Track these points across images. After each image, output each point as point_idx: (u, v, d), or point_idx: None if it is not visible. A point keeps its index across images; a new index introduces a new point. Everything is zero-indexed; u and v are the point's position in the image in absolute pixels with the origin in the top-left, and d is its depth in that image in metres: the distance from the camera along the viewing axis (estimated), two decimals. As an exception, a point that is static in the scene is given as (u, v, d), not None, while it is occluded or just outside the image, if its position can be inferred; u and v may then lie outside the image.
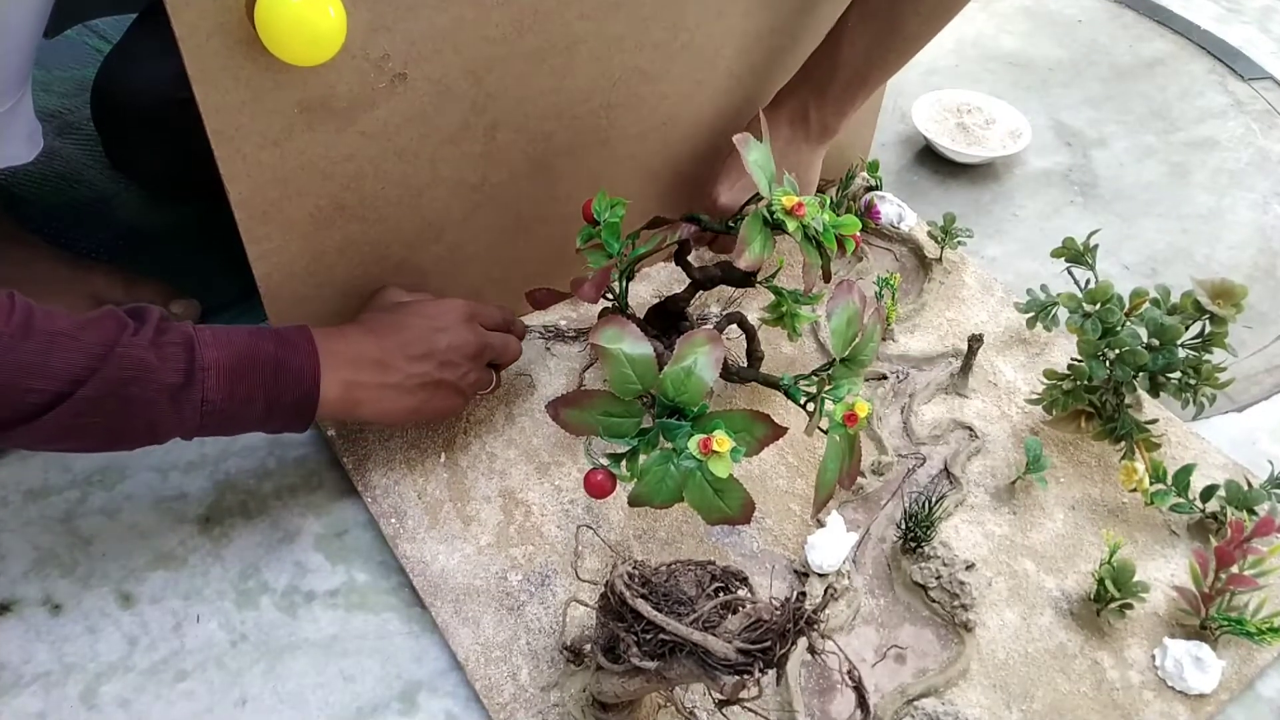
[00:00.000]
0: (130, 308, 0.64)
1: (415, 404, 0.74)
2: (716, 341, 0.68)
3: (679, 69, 0.85)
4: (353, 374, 0.70)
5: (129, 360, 0.60)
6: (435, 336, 0.74)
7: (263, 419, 0.67)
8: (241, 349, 0.65)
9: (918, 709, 0.68)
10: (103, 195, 1.03)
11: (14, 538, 0.76)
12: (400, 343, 0.73)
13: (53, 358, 0.58)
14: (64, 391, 0.58)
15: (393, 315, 0.75)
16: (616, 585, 0.55)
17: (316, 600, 0.74)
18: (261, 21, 0.61)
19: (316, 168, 0.71)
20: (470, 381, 0.77)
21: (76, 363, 0.59)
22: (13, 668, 0.69)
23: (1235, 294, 0.79)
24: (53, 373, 0.58)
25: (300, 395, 0.67)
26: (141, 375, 0.61)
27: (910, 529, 0.76)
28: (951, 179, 1.16)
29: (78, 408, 0.59)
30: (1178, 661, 0.70)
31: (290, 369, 0.67)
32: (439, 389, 0.75)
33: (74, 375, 0.59)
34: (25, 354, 0.57)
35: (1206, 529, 0.80)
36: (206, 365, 0.63)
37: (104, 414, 0.60)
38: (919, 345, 0.93)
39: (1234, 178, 1.18)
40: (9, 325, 0.57)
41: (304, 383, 0.67)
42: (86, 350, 0.59)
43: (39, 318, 0.59)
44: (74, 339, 0.59)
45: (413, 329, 0.74)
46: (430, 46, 0.70)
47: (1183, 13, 1.44)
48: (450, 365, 0.75)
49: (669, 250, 0.85)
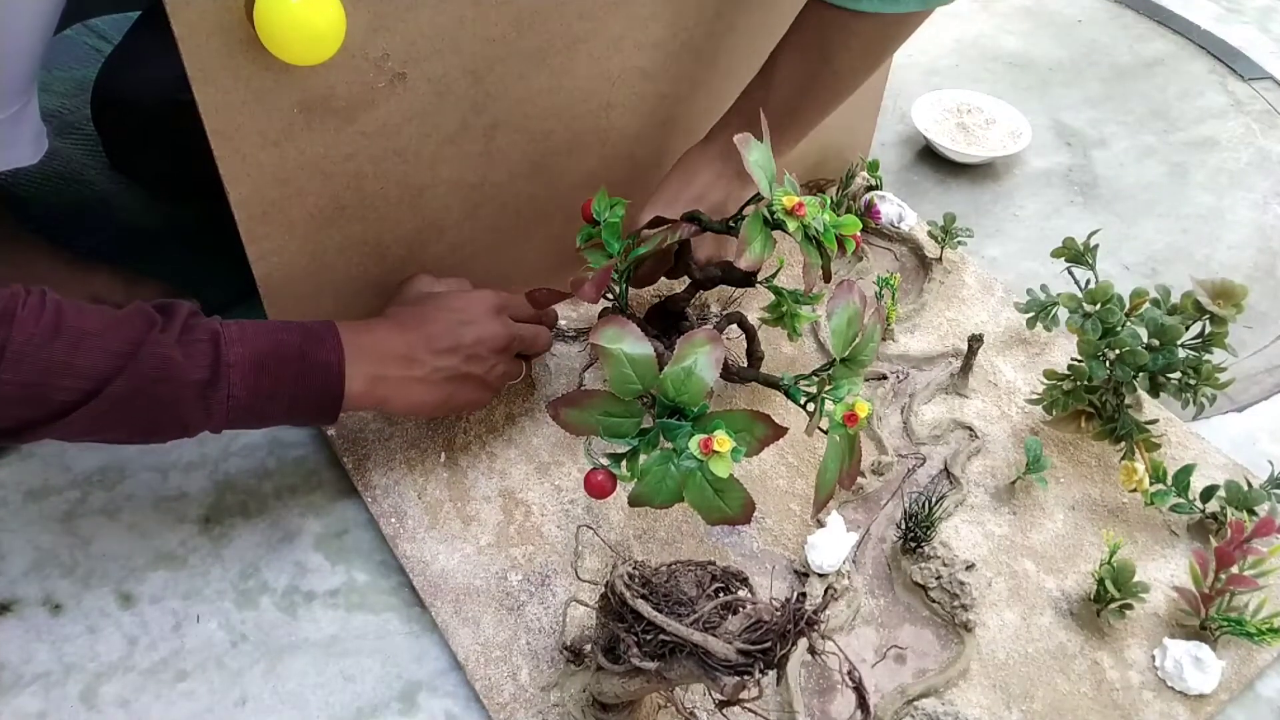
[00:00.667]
0: (159, 303, 0.64)
1: (442, 397, 0.74)
2: (716, 341, 0.68)
3: (678, 69, 0.84)
4: (378, 368, 0.70)
5: (155, 359, 0.61)
6: (462, 330, 0.74)
7: (288, 412, 0.68)
8: (267, 344, 0.66)
9: (918, 709, 0.68)
10: (103, 195, 1.03)
11: (14, 538, 0.76)
12: (426, 336, 0.73)
13: (80, 357, 0.59)
14: (92, 390, 0.59)
15: (419, 308, 0.76)
16: (616, 585, 0.55)
17: (316, 600, 0.74)
18: (261, 21, 0.61)
19: (316, 167, 0.71)
20: (498, 374, 0.77)
21: (104, 362, 0.60)
22: (13, 668, 0.69)
23: (1235, 294, 0.79)
24: (81, 372, 0.59)
25: (325, 390, 0.68)
26: (168, 373, 0.62)
27: (910, 529, 0.76)
28: (951, 179, 1.16)
29: (106, 405, 0.60)
30: (1177, 662, 0.70)
31: (315, 364, 0.67)
32: (466, 382, 0.75)
33: (102, 374, 0.60)
34: (54, 354, 0.58)
35: (1206, 529, 0.80)
36: (232, 362, 0.64)
37: (134, 410, 0.62)
38: (919, 345, 0.93)
39: (1234, 178, 1.18)
40: (38, 326, 0.58)
41: (328, 378, 0.68)
42: (114, 349, 0.60)
43: (69, 316, 0.60)
44: (101, 338, 0.60)
45: (439, 322, 0.74)
46: (430, 46, 0.70)
47: (1183, 13, 1.44)
48: (477, 359, 0.75)
49: (669, 250, 0.85)
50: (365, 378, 0.70)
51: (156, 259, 0.97)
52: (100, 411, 0.60)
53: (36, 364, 0.58)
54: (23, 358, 0.57)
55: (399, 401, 0.72)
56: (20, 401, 0.58)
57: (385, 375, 0.71)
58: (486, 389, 0.77)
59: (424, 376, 0.73)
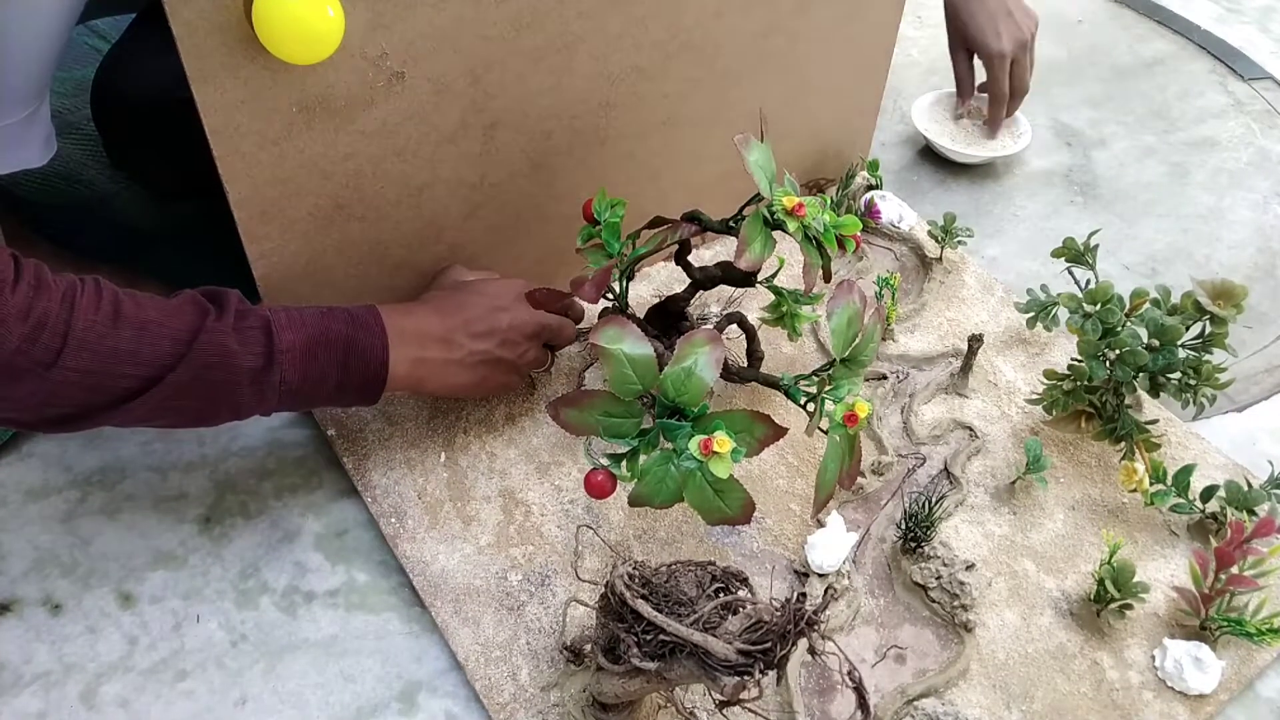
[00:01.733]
0: (207, 291, 0.66)
1: (477, 379, 0.77)
2: (716, 341, 0.68)
3: (678, 68, 0.84)
4: (419, 351, 0.73)
5: (213, 346, 0.63)
6: (497, 315, 0.77)
7: (334, 394, 0.70)
8: (316, 330, 0.68)
9: (918, 709, 0.68)
10: (103, 195, 1.03)
11: (14, 538, 0.76)
12: (464, 320, 0.75)
13: (143, 345, 0.61)
14: (155, 377, 0.61)
15: (457, 294, 0.78)
16: (616, 585, 0.55)
17: (316, 600, 0.74)
18: (259, 20, 0.61)
19: (315, 167, 0.71)
20: (529, 359, 0.80)
21: (165, 349, 0.61)
22: (13, 668, 0.69)
23: (1235, 294, 0.78)
24: (144, 359, 0.61)
25: (370, 372, 0.71)
26: (224, 360, 0.63)
27: (910, 529, 0.76)
28: (951, 179, 1.16)
29: (167, 392, 0.62)
30: (1177, 662, 0.70)
31: (360, 348, 0.70)
32: (498, 365, 0.77)
33: (164, 361, 0.61)
34: (117, 341, 0.60)
35: (1206, 529, 0.80)
36: (284, 348, 0.66)
37: (191, 397, 0.63)
38: (919, 345, 0.93)
39: (1234, 178, 1.18)
40: (98, 313, 0.60)
41: (374, 361, 0.70)
42: (174, 337, 0.62)
43: (127, 304, 0.61)
44: (162, 326, 0.61)
45: (476, 307, 0.76)
46: (429, 45, 0.70)
47: (1183, 13, 1.44)
48: (510, 344, 0.77)
49: (669, 250, 0.85)
50: (407, 360, 0.72)
51: (156, 259, 0.97)
52: (161, 398, 0.62)
53: (99, 351, 0.59)
54: (84, 345, 0.59)
55: (436, 382, 0.75)
56: (82, 388, 0.60)
57: (425, 358, 0.73)
58: (517, 373, 0.80)
59: (461, 359, 0.75)
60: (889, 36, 0.99)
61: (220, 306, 0.65)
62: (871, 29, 0.97)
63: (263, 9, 0.60)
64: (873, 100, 1.05)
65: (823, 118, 1.01)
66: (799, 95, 0.96)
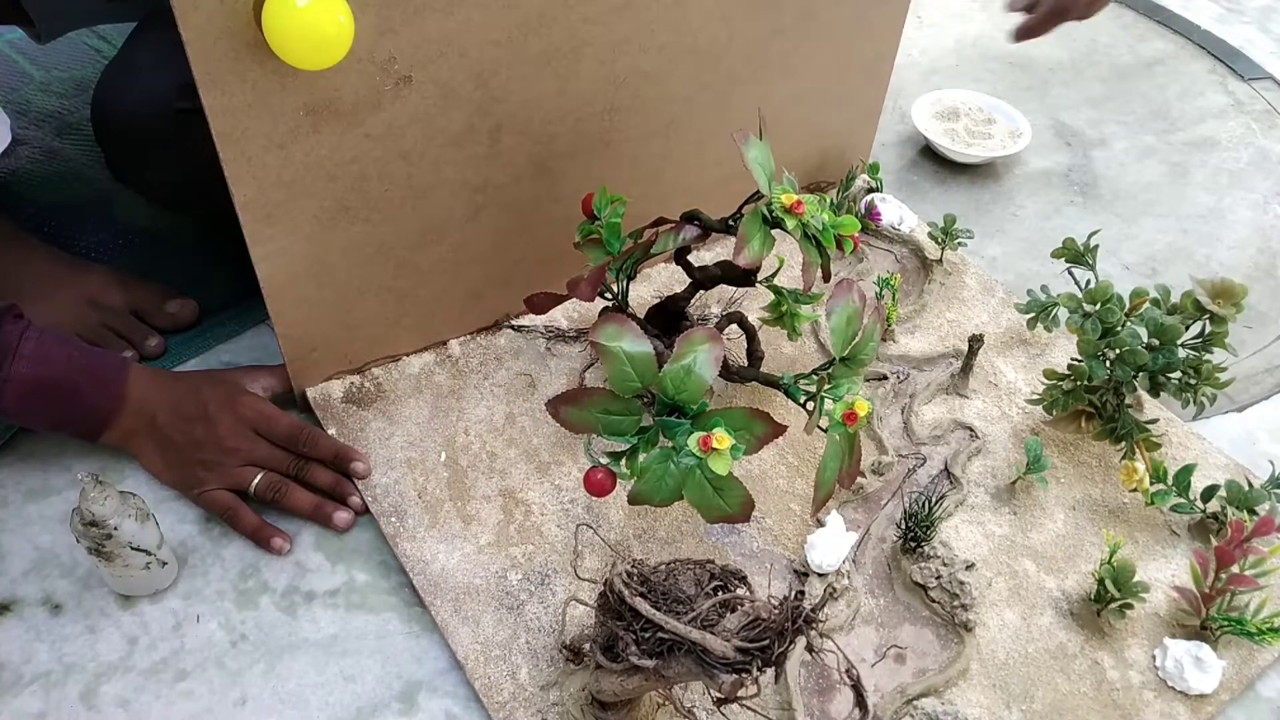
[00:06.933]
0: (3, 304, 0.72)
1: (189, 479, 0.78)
2: (716, 339, 0.68)
3: (683, 72, 0.85)
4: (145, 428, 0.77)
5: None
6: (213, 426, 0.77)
7: (47, 429, 0.77)
8: (50, 377, 0.72)
9: (917, 709, 0.68)
10: (103, 195, 1.03)
11: (14, 538, 0.76)
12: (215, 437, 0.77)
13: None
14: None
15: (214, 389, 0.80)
16: (615, 584, 0.55)
17: (316, 600, 0.74)
18: (269, 26, 0.60)
19: (321, 170, 0.71)
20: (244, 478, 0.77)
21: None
22: (13, 668, 0.69)
23: (1235, 294, 0.79)
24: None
25: (82, 430, 0.76)
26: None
27: (910, 529, 0.76)
28: (951, 179, 1.16)
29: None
30: (1178, 662, 0.70)
31: (82, 407, 0.75)
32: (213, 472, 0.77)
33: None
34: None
35: (1207, 529, 0.80)
36: (10, 377, 0.70)
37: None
38: (919, 346, 0.93)
39: (1234, 178, 1.18)
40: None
41: (87, 423, 0.76)
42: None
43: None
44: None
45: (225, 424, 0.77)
46: (436, 50, 0.70)
47: (1183, 13, 1.44)
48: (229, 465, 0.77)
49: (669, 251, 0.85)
50: (124, 432, 0.77)
51: (156, 259, 0.97)
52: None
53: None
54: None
55: (145, 461, 0.79)
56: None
57: (145, 440, 0.78)
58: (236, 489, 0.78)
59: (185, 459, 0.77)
60: (893, 40, 0.99)
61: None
62: (876, 33, 0.97)
63: (273, 15, 0.60)
64: (875, 103, 1.05)
65: (825, 121, 1.01)
66: (802, 98, 0.96)
